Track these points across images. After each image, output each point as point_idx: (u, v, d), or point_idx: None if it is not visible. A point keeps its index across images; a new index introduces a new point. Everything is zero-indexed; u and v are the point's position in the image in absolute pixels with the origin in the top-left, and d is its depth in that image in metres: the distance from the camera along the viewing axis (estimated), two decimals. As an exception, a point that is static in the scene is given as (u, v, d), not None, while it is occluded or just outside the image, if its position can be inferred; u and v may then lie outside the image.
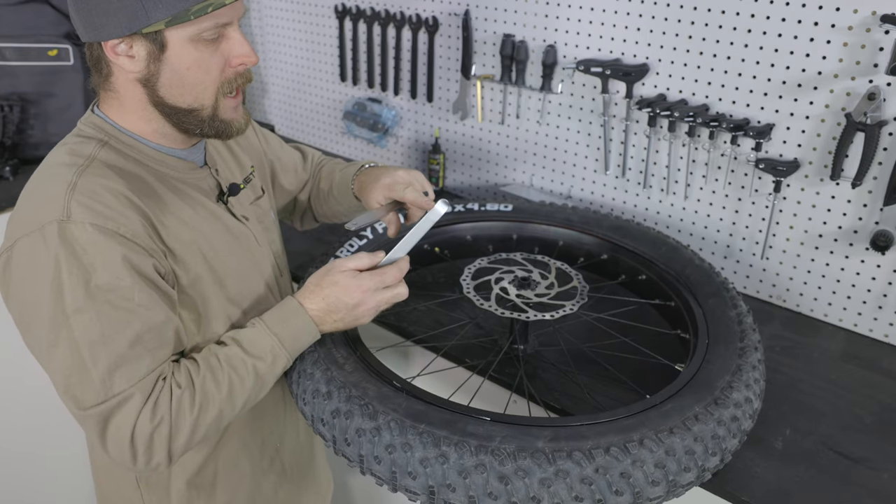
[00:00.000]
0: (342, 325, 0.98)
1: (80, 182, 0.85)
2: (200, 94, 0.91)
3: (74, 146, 0.91)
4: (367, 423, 0.87)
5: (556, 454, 0.81)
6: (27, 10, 1.86)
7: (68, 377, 0.82)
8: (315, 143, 2.25)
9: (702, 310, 1.13)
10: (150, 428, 0.83)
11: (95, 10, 0.85)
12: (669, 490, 0.83)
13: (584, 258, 1.37)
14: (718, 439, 0.87)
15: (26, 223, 0.85)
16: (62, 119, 1.92)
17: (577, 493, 0.79)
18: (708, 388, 0.93)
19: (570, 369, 1.16)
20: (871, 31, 1.16)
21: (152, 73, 0.88)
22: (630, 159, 1.53)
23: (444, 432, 0.84)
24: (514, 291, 1.15)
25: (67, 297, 0.81)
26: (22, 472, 1.83)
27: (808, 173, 1.30)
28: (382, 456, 0.85)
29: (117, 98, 0.92)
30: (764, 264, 1.41)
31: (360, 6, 1.91)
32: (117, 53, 0.87)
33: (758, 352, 1.04)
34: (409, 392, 0.92)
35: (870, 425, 1.08)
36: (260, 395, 0.94)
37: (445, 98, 1.83)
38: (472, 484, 0.80)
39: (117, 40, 0.86)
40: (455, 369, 1.20)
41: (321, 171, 1.32)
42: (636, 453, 0.82)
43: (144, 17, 0.84)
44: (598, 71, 1.47)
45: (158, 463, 0.85)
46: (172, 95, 0.90)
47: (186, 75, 0.89)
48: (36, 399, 1.77)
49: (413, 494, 0.85)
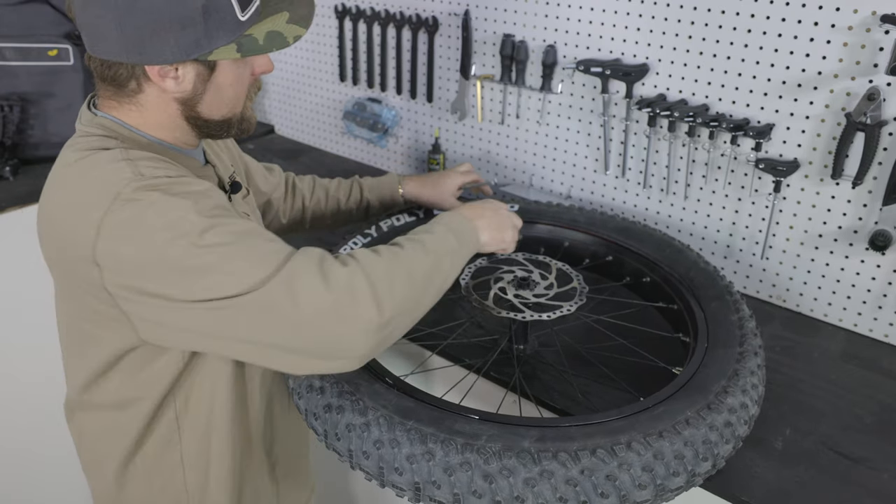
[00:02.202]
0: (493, 235, 1.06)
1: (131, 155, 0.85)
2: (235, 105, 0.93)
3: (92, 141, 0.88)
4: (357, 418, 0.88)
5: (541, 454, 0.81)
6: (27, 10, 1.86)
7: (239, 280, 0.78)
8: (315, 143, 2.25)
9: (703, 313, 1.13)
10: (342, 268, 0.81)
11: (146, 32, 0.81)
12: (657, 494, 0.82)
13: (589, 259, 1.37)
14: (710, 444, 0.87)
15: (97, 206, 0.80)
16: (62, 119, 1.92)
17: (561, 495, 0.79)
18: (702, 392, 0.93)
19: (565, 369, 1.16)
20: (871, 31, 1.16)
21: (197, 94, 0.89)
22: (630, 159, 1.53)
23: (432, 429, 0.84)
24: (512, 291, 1.15)
25: (187, 227, 0.79)
26: (20, 471, 1.83)
27: (808, 173, 1.30)
28: (371, 451, 0.86)
29: (138, 109, 0.90)
30: (764, 264, 1.41)
31: (360, 6, 1.91)
32: (162, 76, 0.85)
33: (757, 357, 1.03)
34: (401, 389, 0.93)
35: (870, 425, 1.08)
36: (436, 276, 0.92)
37: (445, 98, 1.83)
38: (457, 482, 0.81)
39: (168, 66, 0.84)
40: (453, 368, 1.20)
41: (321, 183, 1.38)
42: (623, 456, 0.82)
43: (207, 43, 0.84)
44: (598, 71, 1.47)
45: (380, 302, 0.81)
46: (210, 111, 0.91)
47: (227, 91, 0.91)
48: (34, 399, 1.77)
49: (399, 490, 0.85)
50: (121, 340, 0.90)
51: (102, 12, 0.81)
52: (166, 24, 0.81)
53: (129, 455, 1.00)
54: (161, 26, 0.81)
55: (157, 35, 0.82)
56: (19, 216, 1.72)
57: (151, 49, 0.83)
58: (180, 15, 0.82)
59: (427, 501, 0.84)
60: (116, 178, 0.82)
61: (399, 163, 2.02)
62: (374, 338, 0.81)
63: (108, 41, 0.83)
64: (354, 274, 0.81)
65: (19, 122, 1.87)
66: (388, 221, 1.36)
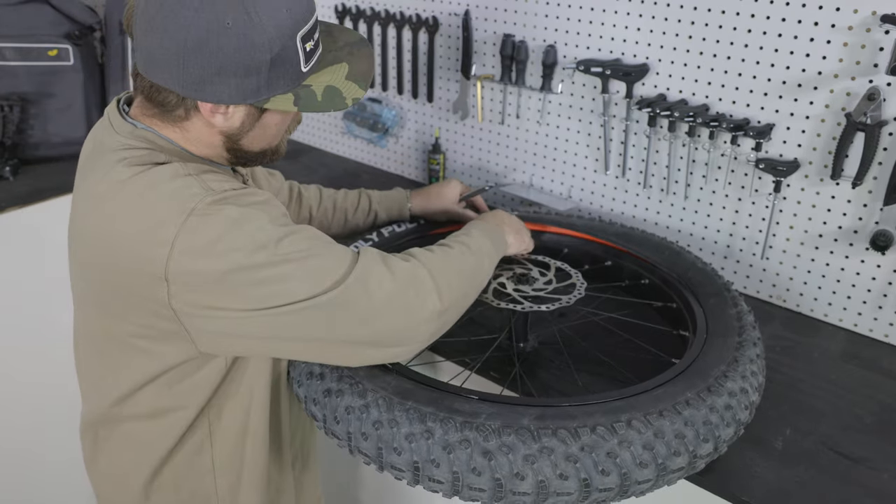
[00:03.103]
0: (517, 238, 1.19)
1: (191, 169, 0.84)
2: (274, 140, 0.95)
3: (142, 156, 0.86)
4: (356, 400, 0.89)
5: (541, 431, 0.81)
6: (27, 10, 1.86)
7: (314, 283, 0.82)
8: (315, 143, 2.25)
9: (702, 309, 1.14)
10: (405, 263, 0.89)
11: (209, 73, 0.81)
12: (659, 474, 0.82)
13: (588, 264, 1.38)
14: (711, 426, 0.86)
15: (168, 223, 0.80)
16: (62, 119, 1.92)
17: (561, 471, 0.79)
18: (702, 376, 0.93)
19: (565, 360, 1.16)
20: (871, 31, 1.16)
21: (243, 130, 0.89)
22: (630, 159, 1.53)
23: (431, 409, 0.85)
24: (511, 286, 1.16)
25: (264, 238, 0.81)
26: (20, 472, 1.83)
27: (808, 173, 1.30)
28: (369, 432, 0.86)
29: (181, 131, 0.89)
30: (764, 264, 1.41)
31: (360, 6, 1.91)
32: (213, 112, 0.85)
33: (756, 347, 1.04)
34: (399, 372, 0.94)
35: (870, 425, 1.08)
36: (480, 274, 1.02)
37: (445, 98, 1.83)
38: (456, 459, 0.81)
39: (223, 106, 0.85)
40: (452, 365, 1.20)
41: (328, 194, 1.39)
42: (623, 433, 0.82)
43: (266, 91, 0.84)
44: (598, 71, 1.47)
45: (439, 292, 0.90)
46: (252, 144, 0.92)
47: (272, 129, 0.92)
48: (34, 399, 1.77)
49: (398, 472, 0.85)
50: (175, 354, 0.90)
51: (168, 45, 0.80)
52: (231, 70, 0.81)
53: (159, 465, 0.99)
54: (225, 71, 0.81)
55: (218, 77, 0.81)
56: (19, 216, 1.72)
57: (210, 89, 0.82)
58: (247, 64, 0.81)
59: (426, 482, 0.83)
60: (187, 193, 0.81)
61: (399, 163, 2.02)
62: (434, 325, 0.90)
63: (166, 72, 0.82)
64: (417, 267, 0.89)
65: (19, 122, 1.87)
66: (389, 228, 1.39)
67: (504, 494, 0.80)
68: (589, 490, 0.80)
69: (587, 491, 0.80)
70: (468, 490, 0.81)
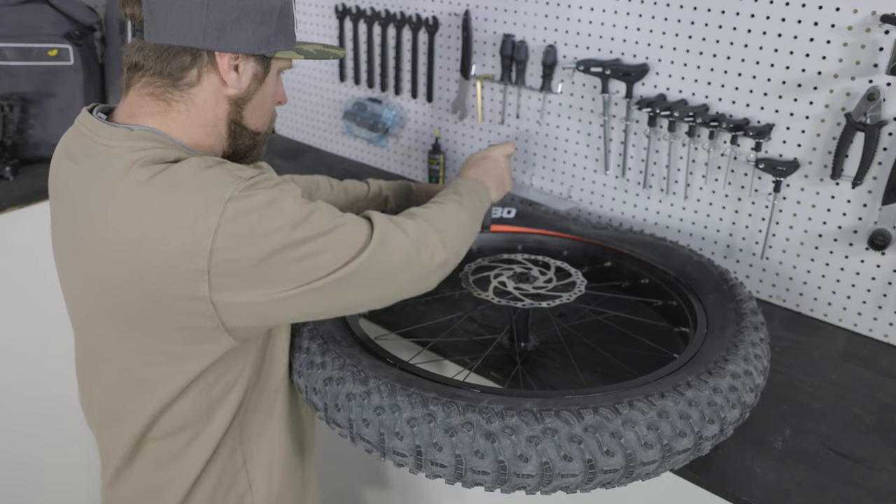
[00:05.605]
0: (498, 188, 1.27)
1: (210, 161, 0.85)
2: (267, 120, 1.00)
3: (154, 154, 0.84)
4: (357, 387, 0.89)
5: (544, 413, 0.80)
6: (27, 10, 1.86)
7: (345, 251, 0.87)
8: (315, 143, 2.25)
9: (701, 302, 1.15)
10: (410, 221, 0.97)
11: (231, 17, 0.86)
12: (665, 455, 0.81)
13: (588, 266, 1.38)
14: (716, 407, 0.86)
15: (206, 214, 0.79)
16: (62, 119, 1.92)
17: (566, 453, 0.78)
18: (702, 363, 0.94)
19: (564, 356, 1.16)
20: (871, 31, 1.16)
21: (249, 94, 0.93)
22: (630, 159, 1.53)
23: (433, 394, 0.85)
24: (512, 284, 1.16)
25: (295, 217, 0.84)
26: (20, 473, 1.83)
27: (808, 173, 1.30)
28: (371, 418, 0.85)
29: (186, 111, 0.89)
30: (764, 264, 1.41)
31: (360, 6, 1.91)
32: (229, 66, 0.89)
33: (759, 332, 1.03)
34: (402, 367, 0.94)
35: (870, 425, 1.08)
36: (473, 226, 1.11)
37: (445, 98, 1.83)
38: (459, 442, 0.80)
39: (237, 56, 0.89)
40: (452, 364, 1.21)
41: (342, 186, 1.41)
42: (627, 413, 0.81)
43: (275, 42, 0.92)
44: (598, 71, 1.47)
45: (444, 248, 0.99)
46: (252, 117, 0.95)
47: (267, 102, 0.97)
48: (33, 399, 1.77)
49: (400, 457, 0.84)
50: (208, 353, 0.89)
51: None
52: (250, 14, 0.87)
53: (198, 475, 0.98)
54: (245, 15, 0.87)
55: (239, 23, 0.87)
56: (19, 216, 1.72)
57: (231, 36, 0.87)
58: (263, 9, 0.88)
59: (428, 467, 0.82)
60: (219, 182, 0.81)
61: (399, 163, 2.02)
62: (440, 274, 1.00)
63: (186, 25, 0.85)
64: (421, 224, 0.98)
65: (19, 122, 1.87)
66: None
67: (508, 477, 0.79)
68: (594, 471, 0.79)
69: (592, 472, 0.79)
70: (471, 473, 0.80)
